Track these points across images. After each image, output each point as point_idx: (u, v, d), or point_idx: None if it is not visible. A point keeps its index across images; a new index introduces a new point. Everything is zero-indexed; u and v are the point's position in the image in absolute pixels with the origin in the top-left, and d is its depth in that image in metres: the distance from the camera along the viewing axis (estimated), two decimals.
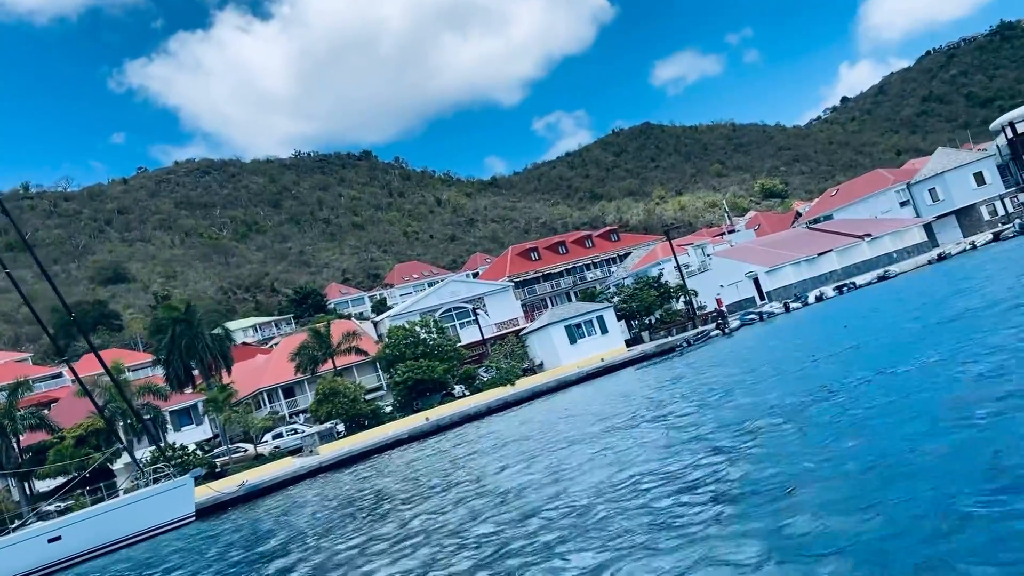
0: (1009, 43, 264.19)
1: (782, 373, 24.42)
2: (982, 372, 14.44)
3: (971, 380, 14.16)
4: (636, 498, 13.41)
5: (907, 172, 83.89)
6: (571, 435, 25.07)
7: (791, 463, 12.52)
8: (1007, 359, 14.66)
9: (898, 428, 12.55)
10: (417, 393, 51.94)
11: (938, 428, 11.73)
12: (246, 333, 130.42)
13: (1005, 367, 14.02)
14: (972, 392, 13.13)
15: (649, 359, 53.71)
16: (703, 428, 18.47)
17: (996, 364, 14.60)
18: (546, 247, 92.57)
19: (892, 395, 15.26)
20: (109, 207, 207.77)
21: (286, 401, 72.53)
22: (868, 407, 14.91)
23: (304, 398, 73.63)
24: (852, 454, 11.98)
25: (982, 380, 13.81)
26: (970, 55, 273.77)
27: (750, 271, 64.13)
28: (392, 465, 35.45)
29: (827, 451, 12.58)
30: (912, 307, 33.36)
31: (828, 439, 13.33)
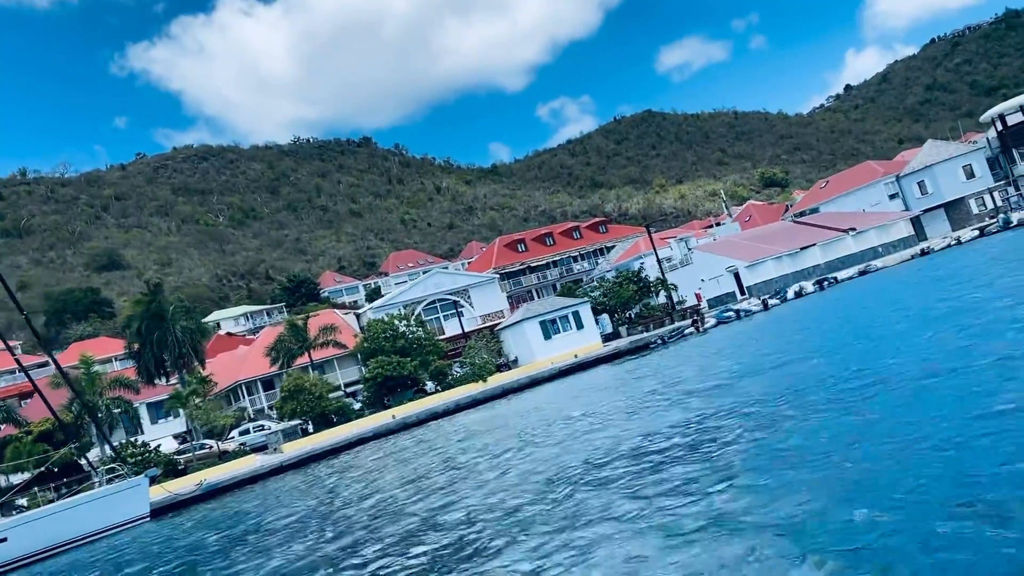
0: (1015, 31, 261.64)
1: (726, 384, 23.76)
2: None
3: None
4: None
5: (898, 164, 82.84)
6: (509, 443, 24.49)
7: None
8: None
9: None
10: (388, 389, 51.33)
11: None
12: (237, 322, 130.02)
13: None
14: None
15: (623, 356, 53.04)
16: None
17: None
18: (533, 238, 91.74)
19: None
20: (106, 193, 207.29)
21: (265, 394, 71.98)
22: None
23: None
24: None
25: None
26: (975, 43, 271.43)
27: (730, 266, 63.29)
28: (354, 464, 34.90)
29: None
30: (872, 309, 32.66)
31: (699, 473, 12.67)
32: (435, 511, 16.68)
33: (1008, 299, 22.39)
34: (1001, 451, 9.52)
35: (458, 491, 18.37)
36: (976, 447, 10.02)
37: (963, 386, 13.16)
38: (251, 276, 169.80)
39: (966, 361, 14.95)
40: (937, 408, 12.18)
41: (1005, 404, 11.23)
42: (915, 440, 10.97)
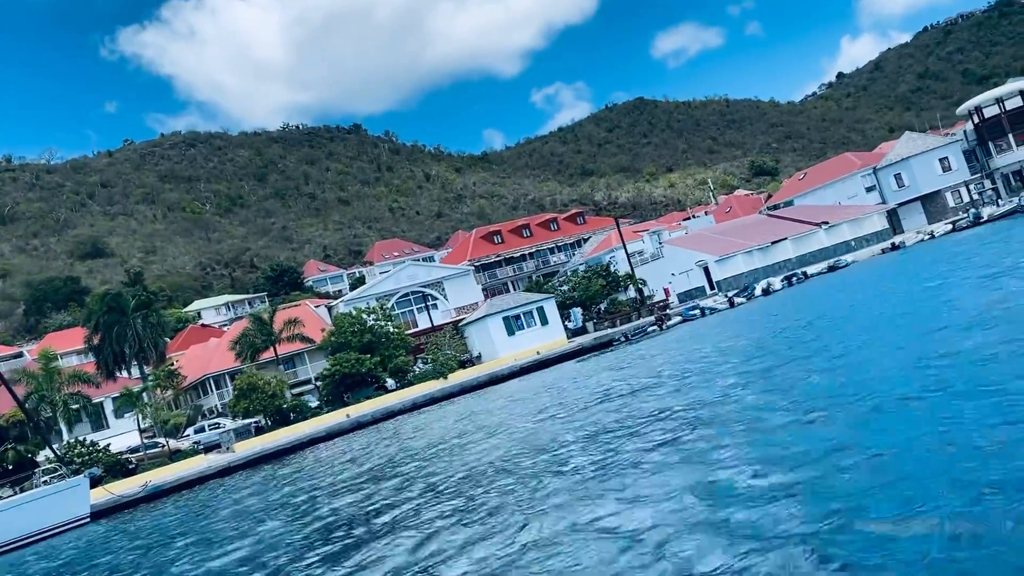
0: (1007, 19, 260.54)
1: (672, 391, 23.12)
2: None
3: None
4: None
5: (877, 156, 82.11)
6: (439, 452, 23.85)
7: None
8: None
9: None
10: (346, 387, 50.67)
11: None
12: (218, 311, 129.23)
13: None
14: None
15: (586, 352, 52.47)
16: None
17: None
18: (510, 230, 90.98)
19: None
20: (92, 180, 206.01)
21: (232, 386, 71.37)
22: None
23: None
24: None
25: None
26: (968, 31, 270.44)
27: (700, 260, 62.63)
28: (301, 466, 34.31)
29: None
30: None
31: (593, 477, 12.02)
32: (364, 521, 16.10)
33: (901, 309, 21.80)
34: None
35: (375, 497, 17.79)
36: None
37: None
38: (235, 264, 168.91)
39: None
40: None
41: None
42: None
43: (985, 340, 14.68)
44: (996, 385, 11.19)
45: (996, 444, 9.04)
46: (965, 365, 13.20)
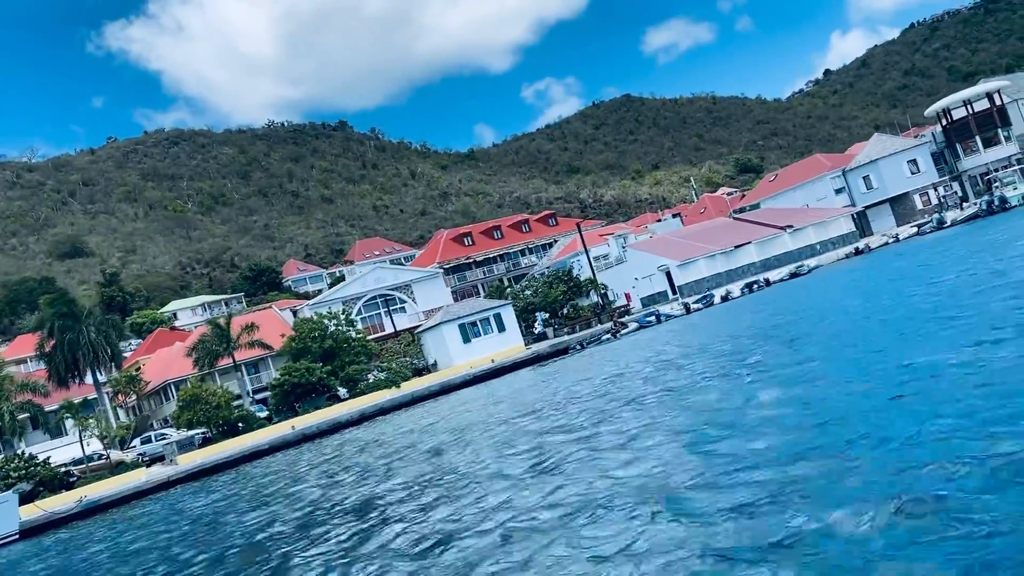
0: (992, 16, 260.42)
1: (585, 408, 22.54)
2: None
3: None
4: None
5: (847, 158, 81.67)
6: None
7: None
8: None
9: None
10: (297, 397, 50.00)
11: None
12: (194, 312, 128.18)
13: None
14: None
15: (543, 360, 51.94)
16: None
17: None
18: (481, 232, 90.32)
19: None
20: (73, 178, 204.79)
21: None
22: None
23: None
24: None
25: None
26: (954, 28, 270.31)
27: (662, 264, 62.05)
28: (235, 482, 33.68)
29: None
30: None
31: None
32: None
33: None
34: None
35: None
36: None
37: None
38: (215, 264, 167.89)
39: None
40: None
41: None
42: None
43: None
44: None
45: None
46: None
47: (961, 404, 10.40)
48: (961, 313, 17.55)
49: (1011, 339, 12.92)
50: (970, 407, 10.13)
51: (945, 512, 7.42)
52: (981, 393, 10.56)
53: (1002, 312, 15.77)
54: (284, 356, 66.82)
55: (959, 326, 15.96)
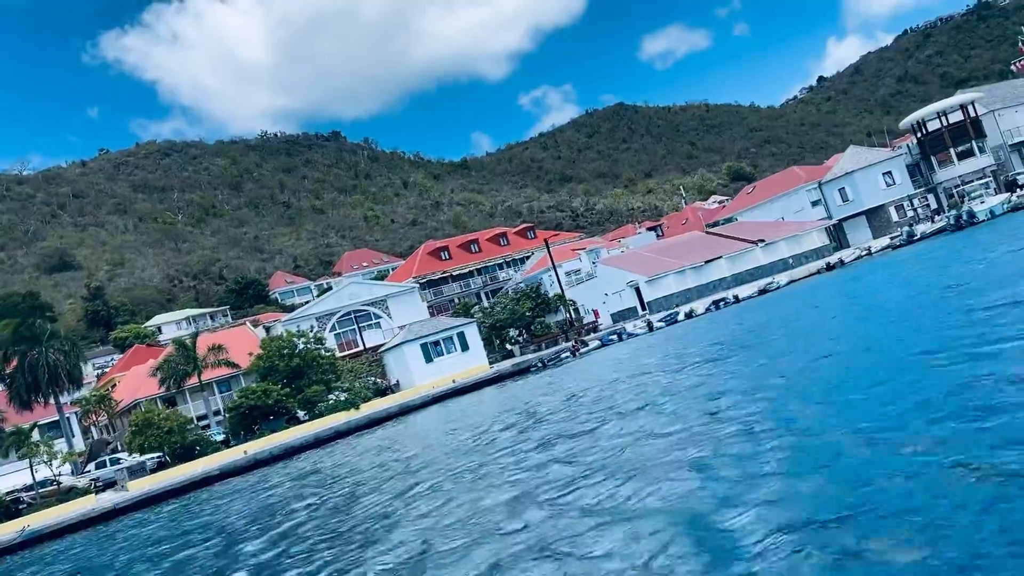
0: (985, 23, 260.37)
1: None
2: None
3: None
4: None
5: (824, 170, 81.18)
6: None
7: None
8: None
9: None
10: (253, 420, 49.41)
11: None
12: (179, 326, 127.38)
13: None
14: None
15: (504, 379, 51.40)
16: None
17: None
18: (458, 245, 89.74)
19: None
20: (63, 191, 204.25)
21: (168, 411, 70.07)
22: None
23: (186, 408, 71.18)
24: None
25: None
26: (947, 35, 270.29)
27: (631, 280, 61.47)
28: (179, 513, 33.10)
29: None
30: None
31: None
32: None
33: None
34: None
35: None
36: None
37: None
38: (204, 276, 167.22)
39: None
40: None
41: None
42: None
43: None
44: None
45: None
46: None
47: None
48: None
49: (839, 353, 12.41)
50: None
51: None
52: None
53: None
54: (252, 374, 66.37)
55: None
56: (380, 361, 59.17)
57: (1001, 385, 10.80)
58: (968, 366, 12.60)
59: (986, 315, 16.45)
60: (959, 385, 11.57)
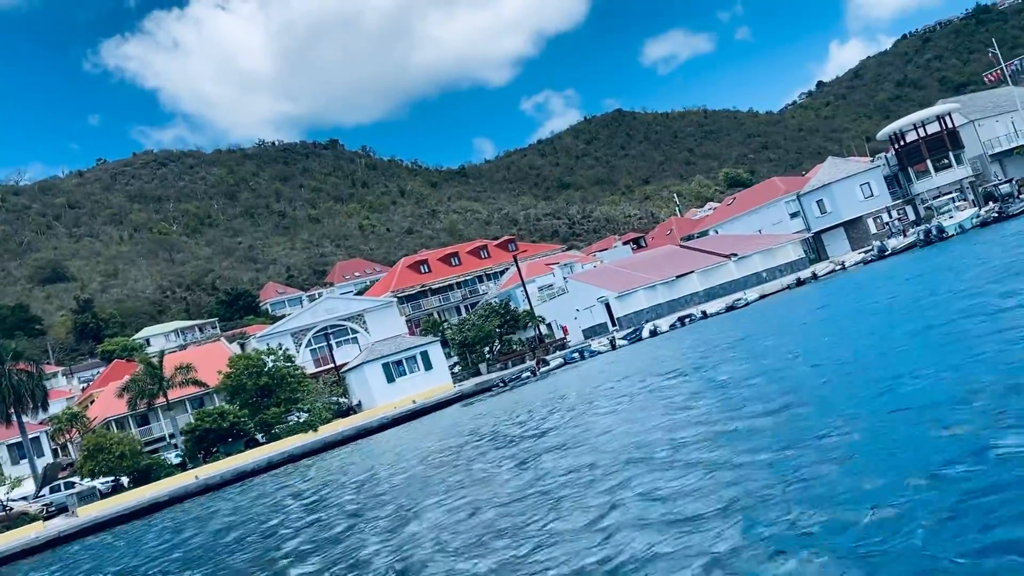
0: (984, 26, 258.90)
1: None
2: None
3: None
4: None
5: (803, 181, 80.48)
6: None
7: None
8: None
9: None
10: (211, 442, 48.88)
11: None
12: (168, 338, 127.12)
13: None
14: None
15: (466, 399, 50.82)
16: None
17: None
18: (438, 259, 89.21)
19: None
20: (59, 201, 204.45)
21: (139, 429, 69.73)
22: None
23: (159, 426, 70.78)
24: None
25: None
26: (945, 39, 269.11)
27: (601, 296, 60.81)
28: (117, 543, 32.55)
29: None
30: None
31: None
32: None
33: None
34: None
35: None
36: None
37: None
38: (196, 287, 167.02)
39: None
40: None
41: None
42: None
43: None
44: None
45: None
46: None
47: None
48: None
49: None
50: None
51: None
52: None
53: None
54: (223, 392, 65.90)
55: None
56: (342, 381, 58.59)
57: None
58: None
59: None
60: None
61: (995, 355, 12.80)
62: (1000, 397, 10.28)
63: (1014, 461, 8.06)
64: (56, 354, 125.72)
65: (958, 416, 10.14)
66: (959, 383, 11.75)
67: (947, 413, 10.46)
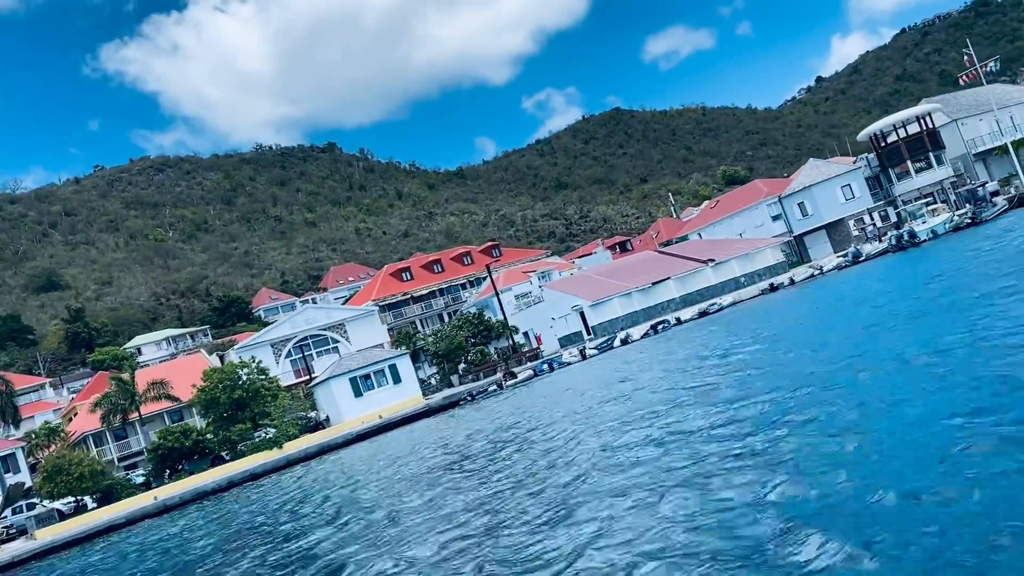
0: (983, 19, 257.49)
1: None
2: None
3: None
4: None
5: (785, 184, 79.67)
6: None
7: None
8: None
9: None
10: (175, 460, 48.38)
11: None
12: (159, 346, 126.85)
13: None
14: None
15: (432, 414, 50.23)
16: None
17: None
18: (421, 265, 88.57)
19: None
20: (55, 209, 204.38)
21: (118, 443, 69.36)
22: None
23: (136, 440, 70.29)
24: None
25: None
26: (944, 32, 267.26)
27: (576, 304, 60.14)
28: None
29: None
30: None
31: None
32: None
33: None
34: None
35: None
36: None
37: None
38: (190, 294, 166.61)
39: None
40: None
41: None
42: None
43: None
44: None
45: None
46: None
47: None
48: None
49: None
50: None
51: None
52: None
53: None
54: (198, 406, 65.41)
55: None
56: (311, 396, 58.06)
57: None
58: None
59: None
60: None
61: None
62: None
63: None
64: (48, 364, 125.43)
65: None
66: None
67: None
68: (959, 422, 9.88)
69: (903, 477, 8.86)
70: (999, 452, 8.43)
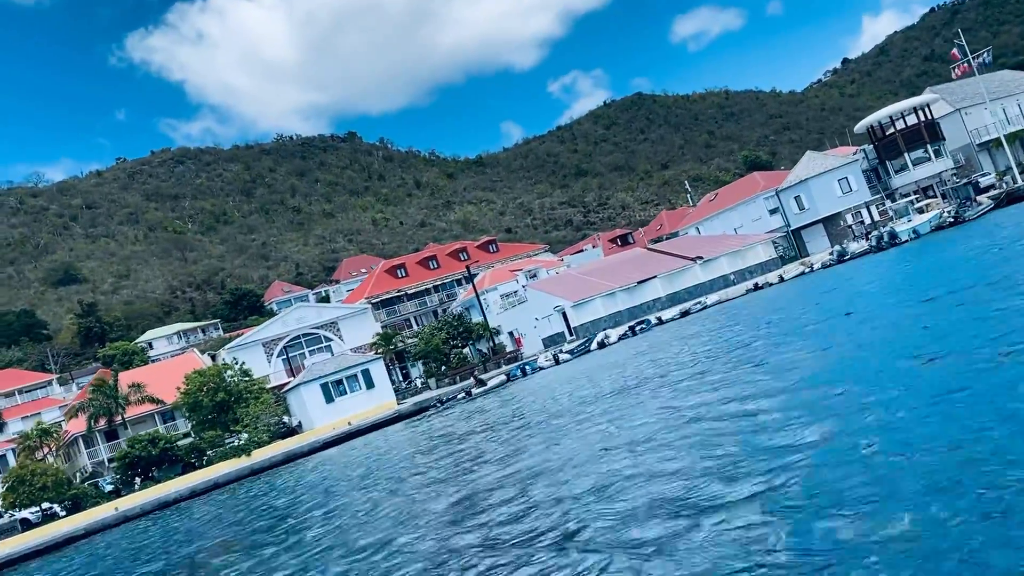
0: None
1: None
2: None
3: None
4: None
5: (783, 176, 77.88)
6: None
7: None
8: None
9: None
10: (144, 468, 48.16)
11: None
12: (170, 340, 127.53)
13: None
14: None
15: (404, 419, 49.58)
16: None
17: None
18: (416, 262, 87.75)
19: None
20: (76, 202, 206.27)
21: (108, 444, 69.46)
22: None
23: (128, 442, 70.45)
24: None
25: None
26: (974, 11, 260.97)
27: (558, 305, 59.04)
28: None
29: None
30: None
31: None
32: None
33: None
34: None
35: None
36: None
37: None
38: (206, 286, 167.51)
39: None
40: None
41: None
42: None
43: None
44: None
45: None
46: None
47: None
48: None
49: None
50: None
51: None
52: None
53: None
54: (182, 408, 65.30)
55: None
56: (283, 401, 57.65)
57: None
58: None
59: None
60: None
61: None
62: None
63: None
64: (61, 359, 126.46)
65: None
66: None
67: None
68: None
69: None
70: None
